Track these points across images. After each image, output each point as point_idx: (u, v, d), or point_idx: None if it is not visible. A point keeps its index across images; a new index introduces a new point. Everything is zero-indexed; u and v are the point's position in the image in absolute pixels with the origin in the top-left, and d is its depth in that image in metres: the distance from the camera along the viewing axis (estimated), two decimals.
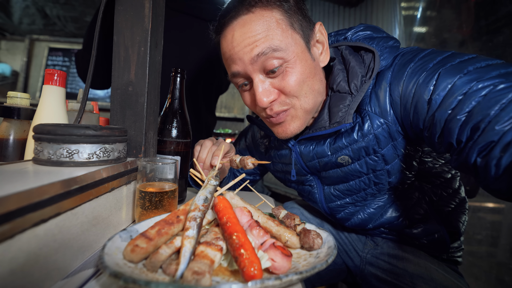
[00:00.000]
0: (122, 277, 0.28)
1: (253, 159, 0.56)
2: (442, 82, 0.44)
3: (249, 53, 0.52)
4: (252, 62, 0.53)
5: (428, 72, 0.47)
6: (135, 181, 0.56)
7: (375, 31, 0.60)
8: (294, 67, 0.54)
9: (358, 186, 0.63)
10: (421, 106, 0.47)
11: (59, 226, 0.34)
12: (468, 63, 0.44)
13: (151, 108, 0.61)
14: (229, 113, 3.18)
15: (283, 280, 0.30)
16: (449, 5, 1.49)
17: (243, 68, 0.55)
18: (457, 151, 0.43)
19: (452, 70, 0.44)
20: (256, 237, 0.39)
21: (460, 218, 0.65)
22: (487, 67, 0.42)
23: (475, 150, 0.39)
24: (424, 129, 0.49)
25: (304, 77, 0.55)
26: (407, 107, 0.50)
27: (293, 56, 0.53)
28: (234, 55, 0.54)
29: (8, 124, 0.59)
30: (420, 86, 0.47)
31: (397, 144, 0.56)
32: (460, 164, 0.43)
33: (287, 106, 0.57)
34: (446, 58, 0.47)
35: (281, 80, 0.54)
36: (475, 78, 0.41)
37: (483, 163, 0.39)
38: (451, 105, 0.42)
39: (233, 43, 0.54)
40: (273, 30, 0.52)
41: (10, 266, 0.27)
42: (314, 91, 0.57)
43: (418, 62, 0.50)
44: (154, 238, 0.36)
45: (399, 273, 0.63)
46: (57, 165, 0.42)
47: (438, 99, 0.44)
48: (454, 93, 0.43)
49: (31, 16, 2.82)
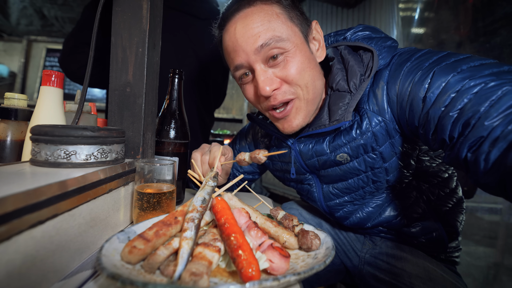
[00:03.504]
0: (119, 278, 0.28)
1: (264, 151, 0.57)
2: (437, 81, 0.45)
3: (253, 44, 0.54)
4: (255, 53, 0.54)
5: (424, 71, 0.48)
6: (133, 182, 0.56)
7: (373, 32, 0.61)
8: (294, 56, 0.55)
9: (356, 184, 0.64)
10: (416, 103, 0.49)
11: (56, 227, 0.34)
12: (462, 62, 0.45)
13: (149, 109, 0.61)
14: (227, 114, 3.18)
15: (281, 281, 0.30)
16: (446, 6, 1.50)
17: (246, 59, 0.56)
18: (449, 147, 0.45)
19: (446, 69, 0.45)
20: (254, 238, 0.39)
21: (458, 217, 0.66)
22: (480, 66, 0.44)
23: (466, 145, 0.41)
24: (419, 126, 0.50)
25: (305, 66, 0.56)
26: (403, 105, 0.51)
27: (293, 46, 0.55)
28: (237, 46, 0.56)
29: (6, 125, 0.58)
30: (416, 85, 0.49)
31: (394, 142, 0.57)
32: (452, 160, 0.45)
33: (292, 96, 0.57)
34: (441, 57, 0.48)
35: (282, 69, 0.56)
36: (468, 76, 0.43)
37: (473, 158, 0.40)
38: (445, 102, 0.44)
39: (236, 35, 0.55)
40: (274, 22, 0.54)
41: (6, 268, 0.27)
42: (315, 82, 0.59)
43: (415, 62, 0.51)
44: (152, 239, 0.36)
45: (398, 273, 0.63)
46: (55, 166, 0.42)
47: (432, 96, 0.46)
48: (447, 91, 0.44)
49: (29, 17, 2.81)
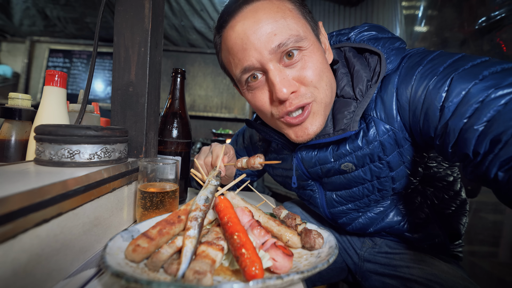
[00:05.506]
0: (124, 276, 0.28)
1: (261, 158, 0.54)
2: (456, 88, 0.41)
3: (268, 43, 0.47)
4: (271, 53, 0.47)
5: (440, 77, 0.44)
6: (136, 181, 0.56)
7: (380, 31, 0.56)
8: (312, 55, 0.50)
9: (361, 193, 0.61)
10: (433, 113, 0.44)
11: (60, 226, 0.34)
12: (482, 67, 0.41)
13: (151, 109, 0.61)
14: (229, 113, 3.18)
15: (284, 279, 0.30)
16: (450, 3, 1.48)
17: (259, 59, 0.48)
18: (473, 163, 0.40)
19: (466, 76, 0.41)
20: (257, 237, 0.39)
21: (461, 220, 0.65)
22: (503, 71, 0.40)
23: (497, 163, 0.36)
24: (436, 137, 0.46)
25: (323, 67, 0.51)
26: (416, 114, 0.47)
27: (310, 44, 0.50)
28: (248, 44, 0.48)
29: (10, 125, 0.59)
30: (431, 92, 0.44)
31: (403, 151, 0.53)
32: (478, 177, 0.41)
33: (309, 99, 0.50)
34: (457, 61, 0.44)
35: (300, 69, 0.49)
36: (492, 84, 0.38)
37: (505, 177, 0.36)
38: (466, 113, 0.40)
39: (247, 32, 0.48)
40: (289, 18, 0.48)
41: (12, 266, 0.27)
42: (332, 84, 0.54)
43: (427, 65, 0.47)
44: (156, 238, 0.36)
45: (396, 264, 0.63)
46: (59, 166, 0.42)
47: (452, 106, 0.41)
48: (469, 100, 0.40)
49: (32, 17, 2.83)
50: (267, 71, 0.49)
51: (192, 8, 2.44)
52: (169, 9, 2.46)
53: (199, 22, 2.65)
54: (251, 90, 0.54)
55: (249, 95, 0.55)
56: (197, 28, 2.75)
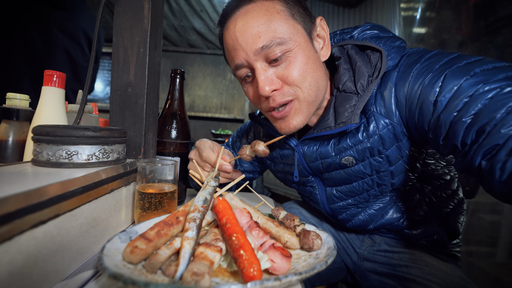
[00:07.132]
0: (121, 278, 0.28)
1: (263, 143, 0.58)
2: (448, 84, 0.44)
3: (252, 44, 0.52)
4: (256, 53, 0.52)
5: (434, 74, 0.47)
6: (134, 182, 0.56)
7: (382, 31, 0.59)
8: (297, 56, 0.53)
9: (361, 188, 0.63)
10: (427, 107, 0.47)
11: (58, 227, 0.34)
12: (474, 65, 0.43)
13: (150, 109, 0.61)
14: (228, 114, 3.18)
15: (282, 281, 0.30)
16: (448, 6, 1.49)
17: (246, 59, 0.54)
18: (461, 153, 0.43)
19: (458, 72, 0.44)
20: (256, 238, 0.39)
21: (459, 218, 0.66)
22: (494, 69, 0.42)
23: (480, 153, 0.39)
24: (429, 131, 0.48)
25: (308, 67, 0.54)
26: (412, 108, 0.50)
27: (295, 45, 0.53)
28: (237, 45, 0.54)
29: (7, 126, 0.58)
30: (426, 88, 0.47)
31: (401, 145, 0.56)
32: (464, 167, 0.43)
33: (291, 97, 0.55)
34: (452, 59, 0.47)
35: (284, 69, 0.53)
36: (481, 80, 0.41)
37: (487, 166, 0.38)
38: (457, 107, 0.42)
39: (236, 34, 0.53)
40: (275, 20, 0.52)
41: (8, 268, 0.27)
42: (318, 83, 0.56)
43: (424, 63, 0.49)
44: (154, 239, 0.36)
45: (395, 264, 0.65)
46: (56, 167, 0.42)
47: (444, 100, 0.44)
48: (460, 95, 0.42)
49: None
50: (254, 70, 0.54)
51: (192, 9, 2.44)
52: (169, 9, 2.46)
53: (199, 23, 2.65)
54: (245, 84, 0.61)
55: (245, 88, 0.62)
56: (196, 28, 2.75)
